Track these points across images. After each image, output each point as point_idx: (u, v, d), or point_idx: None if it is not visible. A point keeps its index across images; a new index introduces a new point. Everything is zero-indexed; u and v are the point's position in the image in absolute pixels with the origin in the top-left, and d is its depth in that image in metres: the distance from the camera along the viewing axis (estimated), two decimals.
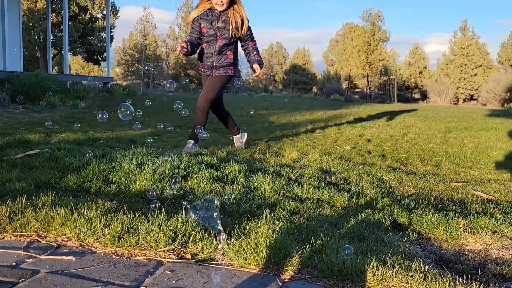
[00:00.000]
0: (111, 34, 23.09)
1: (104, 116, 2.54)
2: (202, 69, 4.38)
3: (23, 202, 2.00)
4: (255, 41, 4.41)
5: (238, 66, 4.19)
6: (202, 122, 4.24)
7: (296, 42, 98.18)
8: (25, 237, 1.82)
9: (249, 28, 4.30)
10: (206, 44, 4.24)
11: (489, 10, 73.74)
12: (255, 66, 4.21)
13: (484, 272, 1.75)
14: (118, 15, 25.15)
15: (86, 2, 23.36)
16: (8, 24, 11.21)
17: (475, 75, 30.33)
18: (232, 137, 4.85)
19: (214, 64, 4.23)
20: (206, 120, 4.32)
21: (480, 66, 30.47)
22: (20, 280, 1.44)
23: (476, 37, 31.34)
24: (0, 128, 5.43)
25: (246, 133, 4.92)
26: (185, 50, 3.94)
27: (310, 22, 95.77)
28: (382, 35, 35.04)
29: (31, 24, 21.89)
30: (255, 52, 4.31)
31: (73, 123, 6.36)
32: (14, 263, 1.57)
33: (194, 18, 4.21)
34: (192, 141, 4.25)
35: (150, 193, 2.17)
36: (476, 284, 1.51)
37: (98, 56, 25.12)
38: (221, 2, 4.08)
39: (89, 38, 23.85)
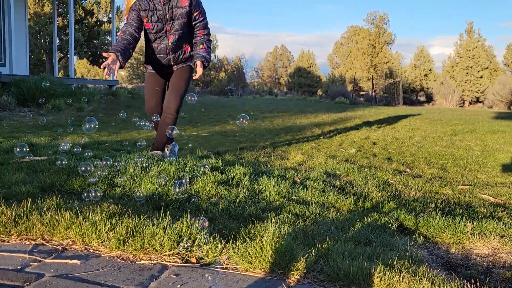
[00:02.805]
0: (117, 38, 23.21)
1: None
2: (152, 69, 3.61)
3: (29, 206, 2.00)
4: (208, 29, 3.52)
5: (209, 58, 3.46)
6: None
7: (300, 45, 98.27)
8: (30, 241, 1.82)
9: (200, 12, 3.42)
10: (154, 43, 3.44)
11: (492, 12, 73.46)
12: (197, 63, 3.35)
13: (493, 277, 1.73)
14: (123, 19, 25.28)
15: (92, 5, 23.51)
16: (15, 28, 11.29)
17: (481, 77, 30.17)
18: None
19: (172, 63, 3.52)
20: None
21: (486, 68, 30.30)
22: (25, 284, 1.44)
23: (482, 39, 31.19)
24: (6, 131, 5.46)
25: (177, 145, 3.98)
26: (118, 65, 3.08)
27: (314, 25, 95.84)
28: (387, 37, 35.00)
29: (37, 27, 22.05)
30: (202, 46, 3.43)
31: (78, 126, 6.38)
32: (19, 267, 1.57)
33: (130, 7, 3.32)
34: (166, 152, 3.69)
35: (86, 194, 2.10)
36: None
37: (104, 60, 25.21)
38: None
39: (95, 41, 23.98)
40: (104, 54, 3.06)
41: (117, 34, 3.26)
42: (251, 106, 12.82)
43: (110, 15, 22.34)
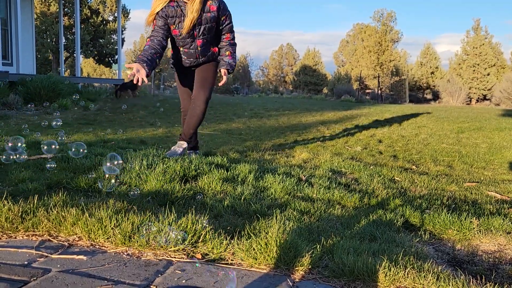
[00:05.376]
0: (122, 37, 23.28)
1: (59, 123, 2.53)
2: (181, 70, 3.59)
3: (35, 202, 2.02)
4: (233, 32, 3.49)
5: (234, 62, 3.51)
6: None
7: (305, 43, 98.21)
8: (37, 237, 1.84)
9: (227, 15, 3.36)
10: (182, 48, 3.40)
11: (499, 10, 72.88)
12: (223, 71, 3.45)
13: (499, 273, 1.72)
14: (129, 17, 25.36)
15: (98, 5, 23.60)
16: (21, 28, 11.37)
17: (488, 75, 29.94)
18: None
19: (201, 63, 3.49)
20: None
21: (494, 65, 30.07)
22: (31, 279, 1.45)
23: (489, 36, 30.95)
24: (13, 129, 5.50)
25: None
26: (144, 73, 3.01)
27: (319, 24, 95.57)
28: (394, 35, 34.82)
29: (43, 27, 22.18)
30: (228, 52, 3.45)
31: (85, 125, 6.42)
32: (26, 262, 1.59)
33: (157, 13, 3.23)
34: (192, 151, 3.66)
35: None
36: (491, 285, 1.48)
37: (110, 59, 25.33)
38: None
39: (101, 40, 24.08)
40: (126, 65, 3.15)
41: (123, 33, 3.43)
42: (257, 105, 12.82)
43: (116, 14, 22.43)
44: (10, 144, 2.05)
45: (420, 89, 33.35)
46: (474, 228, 2.15)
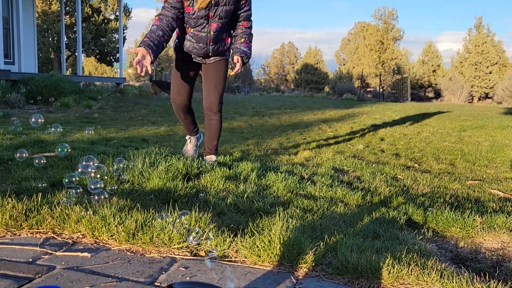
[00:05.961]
0: (124, 35, 23.31)
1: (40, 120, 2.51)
2: (184, 57, 3.20)
3: (39, 200, 2.03)
4: (251, 21, 3.15)
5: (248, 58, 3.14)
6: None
7: (307, 42, 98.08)
8: (41, 234, 1.84)
9: (247, 0, 3.05)
10: (192, 30, 3.00)
11: (501, 8, 72.67)
12: (236, 58, 3.03)
13: (502, 270, 1.72)
14: (130, 16, 25.36)
15: (99, 3, 23.61)
16: (23, 26, 11.38)
17: (490, 73, 29.89)
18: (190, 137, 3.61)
19: (210, 54, 3.12)
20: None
21: (496, 64, 30.01)
22: (36, 276, 1.46)
23: (492, 34, 30.89)
24: (16, 128, 5.51)
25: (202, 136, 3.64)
26: (149, 60, 2.74)
27: (321, 22, 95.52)
28: (395, 33, 34.76)
29: (45, 26, 22.20)
30: (243, 40, 3.09)
31: (87, 123, 6.43)
32: (30, 259, 1.59)
33: None
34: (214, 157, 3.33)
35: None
36: (494, 282, 1.48)
37: (111, 57, 25.36)
38: None
39: (102, 39, 24.10)
40: (131, 50, 2.78)
41: (124, 32, 3.13)
42: (258, 103, 12.82)
43: (117, 13, 22.44)
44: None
45: (421, 88, 33.31)
46: (477, 225, 2.15)
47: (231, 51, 3.12)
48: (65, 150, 2.18)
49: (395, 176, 3.41)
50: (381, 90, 26.91)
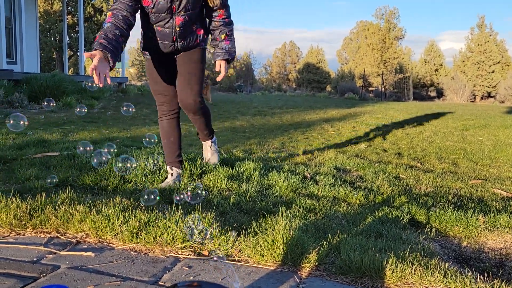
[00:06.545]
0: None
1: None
2: (153, 56, 2.69)
3: (43, 200, 2.03)
4: (228, 8, 2.65)
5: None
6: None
7: (309, 41, 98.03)
8: (45, 234, 1.85)
9: None
10: (156, 26, 2.51)
11: (502, 7, 72.47)
12: (219, 63, 2.63)
13: (505, 270, 1.72)
14: None
15: (101, 3, 23.64)
16: (25, 26, 11.40)
17: (493, 72, 29.81)
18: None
19: (179, 50, 2.62)
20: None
21: (498, 63, 29.93)
22: (41, 275, 1.47)
23: (494, 33, 30.80)
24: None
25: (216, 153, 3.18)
26: (109, 68, 2.12)
27: (322, 21, 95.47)
28: (397, 32, 34.71)
29: (47, 26, 22.25)
30: (223, 35, 2.63)
31: (89, 123, 6.44)
32: (35, 259, 1.60)
33: None
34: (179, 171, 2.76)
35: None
36: (498, 282, 1.48)
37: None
38: None
39: None
40: (86, 54, 2.13)
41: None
42: (260, 103, 12.83)
43: None
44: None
45: (424, 87, 33.25)
46: (480, 225, 2.14)
47: (214, 51, 2.67)
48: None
49: (397, 176, 3.41)
50: (383, 89, 26.86)
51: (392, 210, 2.35)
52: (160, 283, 1.46)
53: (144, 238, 1.76)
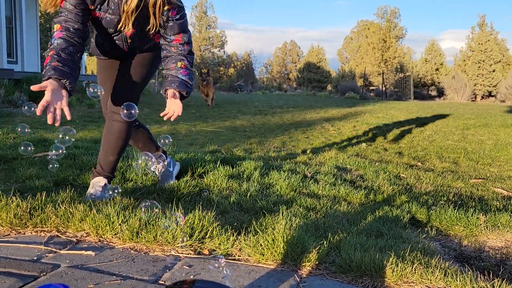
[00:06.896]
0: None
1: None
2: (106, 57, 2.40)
3: (43, 199, 2.03)
4: (188, 32, 2.20)
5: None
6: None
7: (309, 40, 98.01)
8: (45, 233, 1.85)
9: (173, 5, 2.07)
10: (105, 36, 2.23)
11: (503, 6, 72.41)
12: (171, 92, 2.10)
13: (506, 269, 1.72)
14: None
15: None
16: (26, 26, 11.41)
17: (494, 71, 29.79)
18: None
19: (135, 53, 2.33)
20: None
21: (499, 62, 29.91)
22: (41, 274, 1.47)
23: (495, 32, 30.78)
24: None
25: (178, 164, 2.82)
26: (66, 101, 1.91)
27: (323, 21, 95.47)
28: (398, 32, 34.69)
29: (48, 25, 22.24)
30: (180, 63, 2.14)
31: (90, 122, 6.45)
32: (35, 258, 1.60)
33: None
34: (105, 181, 2.34)
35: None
36: (498, 281, 1.48)
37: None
38: None
39: None
40: (33, 88, 1.84)
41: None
42: (261, 102, 12.83)
43: None
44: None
45: (424, 86, 33.23)
46: (481, 224, 2.14)
47: (165, 81, 2.17)
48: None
49: (398, 175, 3.41)
50: (383, 88, 26.85)
51: (393, 209, 2.35)
52: (160, 282, 1.46)
53: (144, 237, 1.76)
